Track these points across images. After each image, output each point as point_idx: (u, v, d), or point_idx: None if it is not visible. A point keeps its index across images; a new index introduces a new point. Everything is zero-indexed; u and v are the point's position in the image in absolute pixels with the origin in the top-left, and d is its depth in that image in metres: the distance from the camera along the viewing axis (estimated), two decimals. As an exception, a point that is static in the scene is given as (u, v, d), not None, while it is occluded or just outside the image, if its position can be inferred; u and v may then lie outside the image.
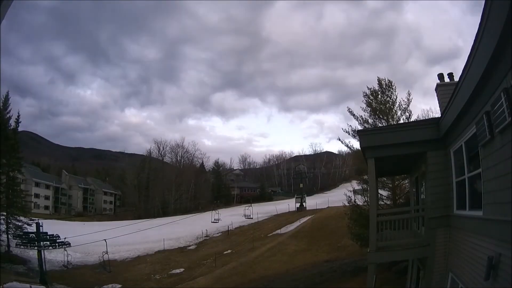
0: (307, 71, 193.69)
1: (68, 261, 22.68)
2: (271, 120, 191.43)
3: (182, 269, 26.99)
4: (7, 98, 29.16)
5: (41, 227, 22.84)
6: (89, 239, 25.16)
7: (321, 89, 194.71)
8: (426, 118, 21.39)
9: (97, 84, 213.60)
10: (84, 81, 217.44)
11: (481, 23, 4.18)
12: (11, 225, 25.31)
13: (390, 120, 18.40)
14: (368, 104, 19.47)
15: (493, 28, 3.81)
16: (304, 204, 54.01)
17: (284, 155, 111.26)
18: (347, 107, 20.02)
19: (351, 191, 20.34)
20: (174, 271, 26.53)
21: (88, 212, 73.32)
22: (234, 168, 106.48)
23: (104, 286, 22.34)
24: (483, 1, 4.04)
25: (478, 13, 4.35)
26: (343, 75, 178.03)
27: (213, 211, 40.20)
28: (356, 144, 19.71)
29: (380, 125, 18.24)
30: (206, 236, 39.63)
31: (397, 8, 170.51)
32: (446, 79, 9.57)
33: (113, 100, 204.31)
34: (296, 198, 56.08)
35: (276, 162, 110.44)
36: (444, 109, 7.42)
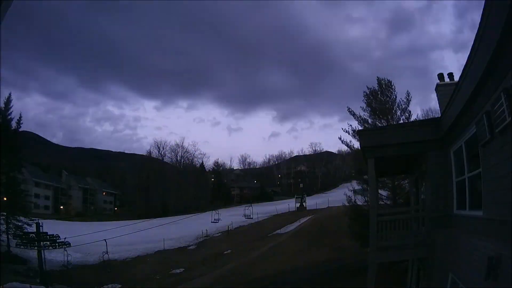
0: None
1: (68, 261, 22.67)
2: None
3: (182, 269, 26.96)
4: (9, 99, 29.22)
5: (41, 227, 22.85)
6: (89, 239, 25.16)
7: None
8: (426, 118, 21.44)
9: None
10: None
11: (481, 23, 4.18)
12: (11, 225, 25.31)
13: (390, 120, 18.44)
14: (368, 104, 19.51)
15: (493, 28, 3.81)
16: (304, 204, 54.01)
17: (284, 155, 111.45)
18: (347, 107, 20.06)
19: (351, 191, 20.36)
20: (174, 271, 26.51)
21: (88, 212, 73.33)
22: (234, 168, 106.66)
23: (104, 286, 22.33)
24: (483, 1, 4.04)
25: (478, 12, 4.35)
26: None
27: (213, 211, 40.17)
28: (356, 144, 19.76)
29: (380, 125, 18.27)
30: (206, 236, 39.61)
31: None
32: (446, 79, 9.58)
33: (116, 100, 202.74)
34: (296, 198, 56.07)
35: (276, 162, 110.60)
36: (444, 109, 7.43)
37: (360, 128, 18.66)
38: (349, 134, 19.90)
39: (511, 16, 3.28)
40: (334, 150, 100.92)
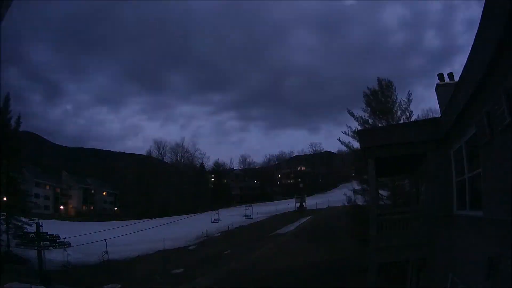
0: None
1: (68, 261, 22.66)
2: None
3: (182, 269, 26.97)
4: (7, 99, 29.21)
5: (41, 227, 22.86)
6: (89, 239, 25.15)
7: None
8: (426, 118, 21.45)
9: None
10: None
11: (481, 22, 4.18)
12: (11, 225, 25.33)
13: (390, 120, 18.44)
14: (368, 104, 19.52)
15: (493, 27, 3.81)
16: (304, 204, 54.03)
17: (284, 155, 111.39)
18: (347, 108, 20.07)
19: (351, 191, 20.37)
20: (174, 271, 26.52)
21: (88, 212, 73.34)
22: (234, 168, 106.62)
23: (104, 286, 22.33)
24: (483, 1, 4.04)
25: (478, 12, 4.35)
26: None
27: (213, 211, 40.18)
28: (356, 144, 19.77)
29: (380, 125, 18.27)
30: (206, 236, 39.60)
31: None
32: (446, 79, 9.58)
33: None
34: (296, 198, 56.09)
35: (276, 162, 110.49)
36: (444, 109, 7.43)
37: (360, 128, 18.67)
38: (348, 135, 19.94)
39: (511, 16, 3.28)
40: (334, 150, 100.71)
